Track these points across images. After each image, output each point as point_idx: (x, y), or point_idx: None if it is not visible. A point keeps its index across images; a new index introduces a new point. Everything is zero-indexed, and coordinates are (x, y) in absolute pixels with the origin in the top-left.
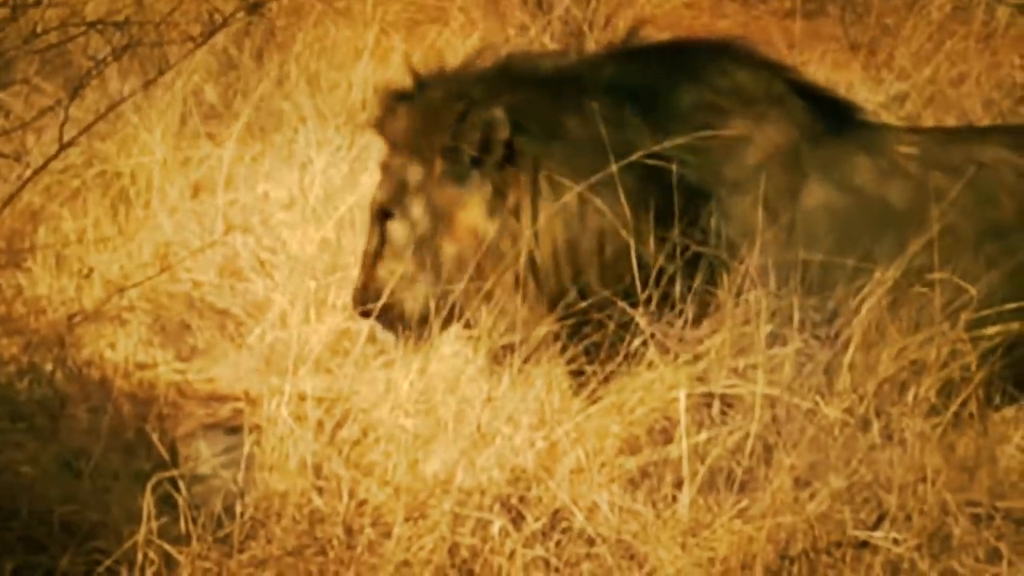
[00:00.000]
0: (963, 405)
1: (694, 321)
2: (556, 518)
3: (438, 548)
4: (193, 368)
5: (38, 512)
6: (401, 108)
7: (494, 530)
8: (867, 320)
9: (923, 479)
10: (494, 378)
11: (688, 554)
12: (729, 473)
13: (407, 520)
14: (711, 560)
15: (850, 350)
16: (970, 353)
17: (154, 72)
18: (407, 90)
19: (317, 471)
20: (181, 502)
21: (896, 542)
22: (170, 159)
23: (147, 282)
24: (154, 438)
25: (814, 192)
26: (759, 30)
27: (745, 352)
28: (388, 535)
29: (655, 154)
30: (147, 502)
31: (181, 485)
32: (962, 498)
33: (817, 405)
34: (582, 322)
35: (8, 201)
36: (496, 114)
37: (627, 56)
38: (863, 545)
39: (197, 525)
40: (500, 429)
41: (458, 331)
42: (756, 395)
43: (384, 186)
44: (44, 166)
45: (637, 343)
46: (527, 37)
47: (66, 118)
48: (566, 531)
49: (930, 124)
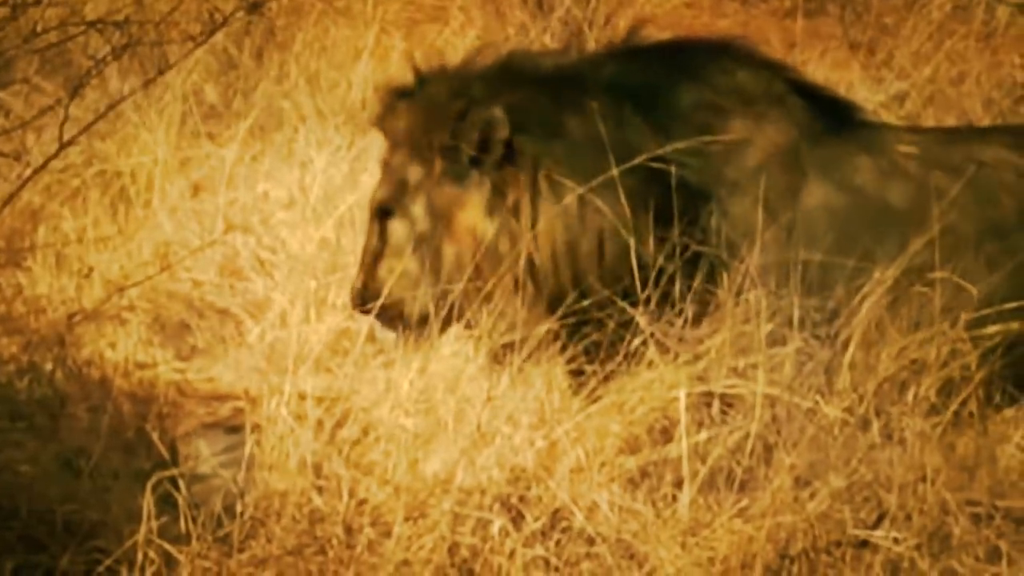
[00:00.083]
0: (963, 405)
1: (694, 321)
2: (556, 517)
3: (438, 547)
4: (193, 367)
5: (38, 511)
6: (401, 105)
7: (494, 529)
8: (867, 320)
9: (923, 478)
10: (494, 377)
11: (688, 553)
12: (729, 472)
13: (407, 519)
14: (711, 559)
15: (850, 350)
16: (970, 353)
17: (154, 71)
18: (408, 87)
19: (317, 470)
20: (181, 501)
21: (896, 541)
22: (170, 158)
23: (147, 281)
24: (154, 437)
25: (814, 192)
26: (759, 29)
27: (745, 352)
28: (388, 534)
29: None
30: (147, 501)
31: (181, 484)
32: (962, 497)
33: (817, 404)
34: (582, 321)
35: (8, 200)
36: (495, 113)
37: (627, 55)
38: (863, 544)
39: (197, 524)
40: (500, 428)
41: (458, 331)
42: (756, 394)
43: (384, 184)
44: (44, 165)
45: (637, 343)
46: (527, 37)
47: (66, 117)
48: (566, 530)
49: (930, 124)
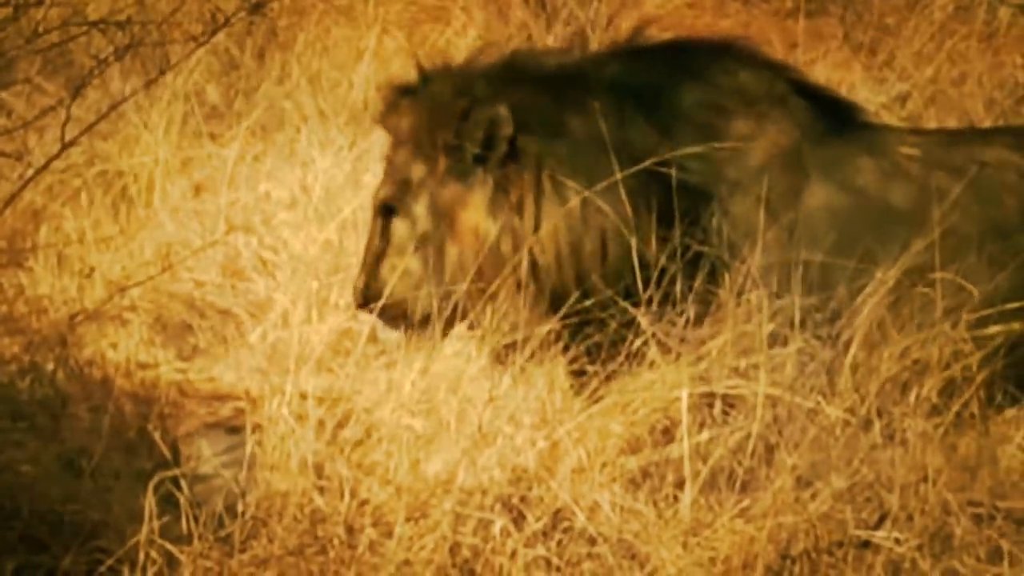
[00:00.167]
0: (965, 405)
1: (696, 321)
2: (557, 518)
3: (439, 548)
4: (195, 367)
5: (40, 511)
6: (405, 102)
7: (495, 530)
8: (869, 320)
9: (925, 479)
10: (496, 378)
11: (689, 554)
12: (731, 473)
13: (408, 520)
14: (712, 560)
15: (852, 350)
16: (972, 353)
17: (156, 72)
18: (412, 84)
19: (319, 471)
20: (183, 501)
21: (898, 542)
22: (172, 159)
23: (149, 282)
24: (156, 437)
25: (816, 192)
26: (761, 30)
27: (747, 352)
28: (389, 535)
29: (656, 154)
30: (149, 501)
31: (183, 484)
32: (963, 498)
33: (819, 405)
34: (584, 322)
35: (10, 200)
36: (500, 111)
37: (630, 55)
38: (865, 545)
39: (199, 524)
40: (502, 429)
41: (460, 331)
42: (758, 395)
43: (387, 181)
44: (46, 166)
45: (639, 343)
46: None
47: (68, 117)
48: (567, 531)
49: (932, 124)
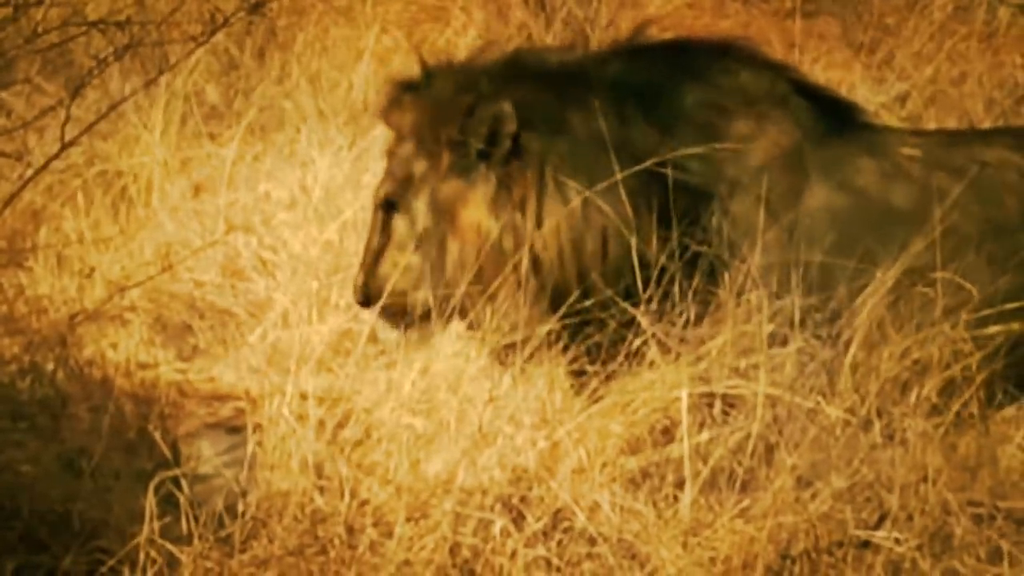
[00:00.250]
0: (965, 405)
1: (696, 321)
2: (558, 518)
3: (439, 548)
4: (195, 368)
5: (40, 511)
6: (408, 98)
7: (496, 530)
8: (869, 320)
9: (925, 479)
10: (496, 378)
11: (689, 554)
12: (731, 473)
13: (409, 520)
14: (712, 560)
15: (852, 350)
16: (972, 353)
17: (155, 72)
18: (414, 81)
19: (319, 471)
20: (183, 501)
21: (898, 542)
22: (171, 159)
23: (148, 282)
24: (156, 437)
25: (816, 193)
26: (761, 30)
27: (747, 352)
28: (390, 535)
29: (657, 153)
30: (149, 501)
31: (183, 484)
32: (964, 498)
33: (819, 405)
34: (584, 322)
35: (9, 201)
36: (504, 108)
37: (632, 54)
38: (865, 545)
39: (199, 524)
40: (502, 429)
41: (460, 330)
42: (758, 395)
43: (389, 177)
44: (45, 166)
45: (639, 343)
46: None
47: (67, 118)
48: (568, 531)
49: (931, 124)
